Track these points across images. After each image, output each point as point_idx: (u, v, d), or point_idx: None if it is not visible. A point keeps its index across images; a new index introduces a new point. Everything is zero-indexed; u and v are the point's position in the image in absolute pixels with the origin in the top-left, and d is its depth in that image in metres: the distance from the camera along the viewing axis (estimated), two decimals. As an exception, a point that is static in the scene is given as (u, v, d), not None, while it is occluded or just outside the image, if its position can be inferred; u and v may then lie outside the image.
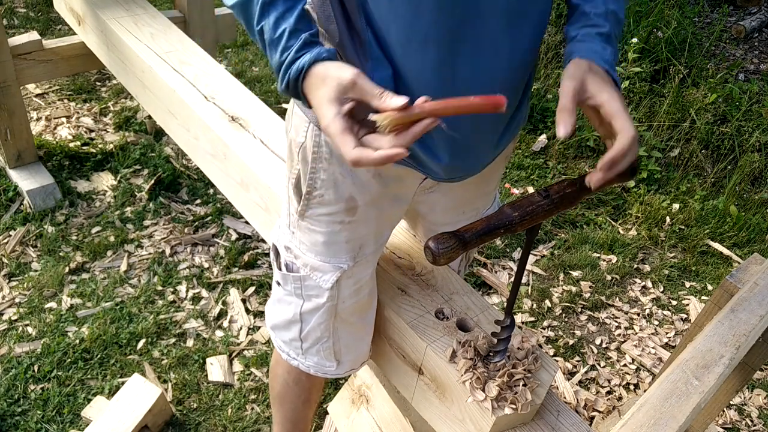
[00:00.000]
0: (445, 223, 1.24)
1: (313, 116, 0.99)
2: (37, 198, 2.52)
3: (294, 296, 1.18)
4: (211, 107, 1.69)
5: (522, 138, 3.32)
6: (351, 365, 1.27)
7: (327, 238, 1.08)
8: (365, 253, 1.12)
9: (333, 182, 1.03)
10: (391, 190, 1.06)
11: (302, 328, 1.20)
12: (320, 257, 1.11)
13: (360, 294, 1.15)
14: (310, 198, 1.06)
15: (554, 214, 0.85)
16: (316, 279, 1.12)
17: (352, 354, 1.25)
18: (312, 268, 1.12)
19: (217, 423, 1.90)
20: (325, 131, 0.77)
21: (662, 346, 2.38)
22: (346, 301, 1.14)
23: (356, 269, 1.12)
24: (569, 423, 1.08)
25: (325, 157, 1.01)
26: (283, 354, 1.28)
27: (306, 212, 1.08)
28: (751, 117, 3.56)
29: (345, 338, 1.21)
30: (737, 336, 1.30)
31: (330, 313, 1.16)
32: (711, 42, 4.26)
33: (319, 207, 1.06)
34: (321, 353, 1.23)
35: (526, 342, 1.07)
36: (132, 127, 3.03)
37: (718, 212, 2.98)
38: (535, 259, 2.66)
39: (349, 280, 1.12)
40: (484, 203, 1.28)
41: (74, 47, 2.50)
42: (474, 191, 1.21)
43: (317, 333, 1.19)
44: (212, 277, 2.36)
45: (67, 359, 2.01)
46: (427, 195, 1.16)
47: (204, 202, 2.69)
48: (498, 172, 1.23)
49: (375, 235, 1.12)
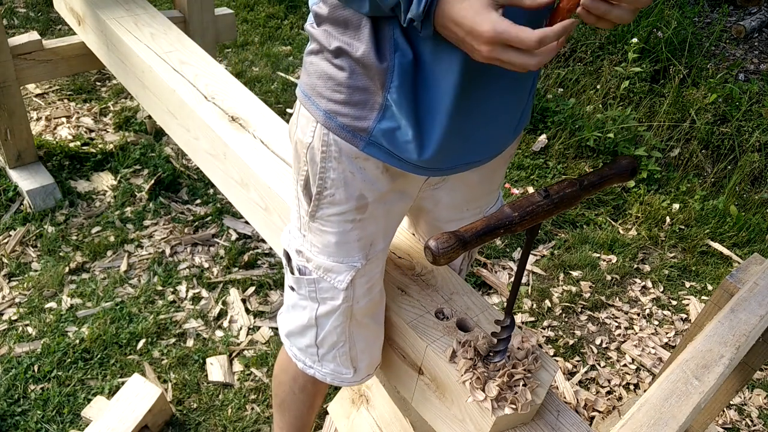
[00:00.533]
0: (449, 219, 1.25)
1: (321, 114, 0.99)
2: (37, 198, 2.52)
3: (309, 300, 1.17)
4: (211, 107, 1.69)
5: (522, 138, 3.32)
6: (367, 371, 1.26)
7: (339, 238, 1.08)
8: (376, 250, 1.12)
9: (343, 181, 1.02)
10: (398, 185, 1.07)
11: (318, 333, 1.19)
12: (333, 258, 1.10)
13: (372, 292, 1.15)
14: (320, 198, 1.05)
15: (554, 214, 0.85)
16: (331, 280, 1.11)
17: (367, 359, 1.24)
18: (325, 270, 1.11)
19: (217, 423, 1.90)
20: (491, 33, 0.73)
21: (662, 346, 2.38)
22: (360, 301, 1.14)
23: (369, 267, 1.12)
24: (569, 423, 1.08)
25: (335, 156, 1.00)
26: (299, 363, 1.27)
27: (317, 213, 1.08)
28: (751, 117, 3.56)
29: (360, 342, 1.20)
30: (737, 336, 1.30)
31: (346, 315, 1.15)
32: (711, 42, 4.26)
33: (329, 207, 1.06)
34: (338, 359, 1.22)
35: (526, 342, 1.07)
36: (132, 127, 3.03)
37: (718, 212, 2.98)
38: (535, 259, 2.66)
39: (363, 279, 1.12)
40: (487, 201, 1.28)
41: (74, 47, 2.50)
42: (478, 189, 1.21)
43: (333, 337, 1.18)
44: (212, 277, 2.36)
45: (67, 359, 2.01)
46: (432, 191, 1.16)
47: (204, 202, 2.69)
48: (500, 171, 1.24)
49: (384, 232, 1.12)
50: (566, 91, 3.71)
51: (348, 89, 0.94)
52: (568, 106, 3.46)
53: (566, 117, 3.38)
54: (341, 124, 0.97)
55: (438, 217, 1.25)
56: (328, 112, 0.98)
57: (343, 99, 0.95)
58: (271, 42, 3.94)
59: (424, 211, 1.26)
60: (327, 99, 0.97)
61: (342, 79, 0.94)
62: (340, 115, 0.97)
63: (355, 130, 0.97)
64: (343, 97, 0.95)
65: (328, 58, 0.95)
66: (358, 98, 0.94)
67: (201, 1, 2.52)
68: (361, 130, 0.96)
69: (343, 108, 0.96)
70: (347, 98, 0.95)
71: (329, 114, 0.98)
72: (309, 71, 1.00)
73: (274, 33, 4.04)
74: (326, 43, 0.94)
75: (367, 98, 0.94)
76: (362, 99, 0.94)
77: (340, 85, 0.95)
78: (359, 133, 0.97)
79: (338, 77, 0.94)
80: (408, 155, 0.97)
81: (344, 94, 0.95)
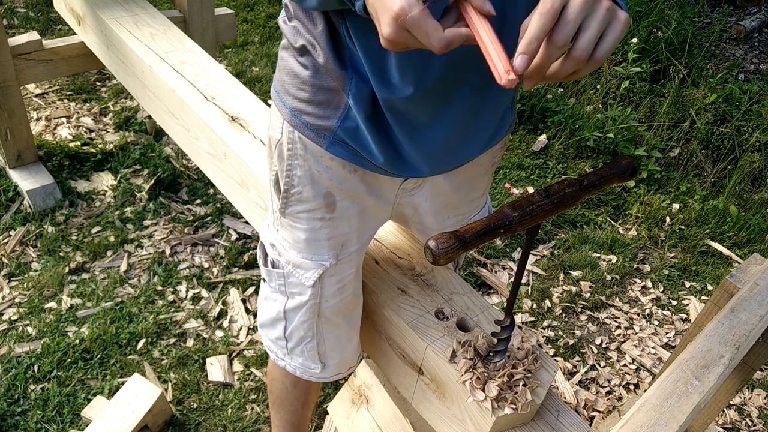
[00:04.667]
0: (433, 227, 1.22)
1: (288, 112, 0.98)
2: (37, 198, 2.52)
3: (278, 293, 1.18)
4: (211, 107, 1.69)
5: (522, 138, 3.32)
6: (337, 369, 1.27)
7: (308, 235, 1.08)
8: (348, 251, 1.12)
9: (309, 178, 1.02)
10: (370, 187, 1.06)
11: (286, 326, 1.20)
12: (302, 254, 1.11)
13: (344, 293, 1.15)
14: (288, 195, 1.06)
15: (554, 214, 0.85)
16: (299, 276, 1.12)
17: (337, 357, 1.24)
18: (294, 265, 1.12)
19: (217, 423, 1.90)
20: (399, 17, 0.63)
21: (662, 346, 2.38)
22: (330, 300, 1.14)
23: (339, 267, 1.12)
24: (569, 423, 1.08)
25: (300, 154, 1.00)
26: (271, 354, 1.29)
27: (286, 210, 1.08)
28: (751, 117, 3.56)
29: (330, 340, 1.21)
30: (737, 336, 1.30)
31: (313, 312, 1.16)
32: (711, 42, 4.26)
33: (297, 204, 1.06)
34: (305, 354, 1.23)
35: (526, 342, 1.07)
36: (132, 127, 3.03)
37: (718, 212, 2.98)
38: (535, 259, 2.66)
39: (332, 278, 1.12)
40: (470, 209, 1.26)
41: (74, 47, 2.50)
42: (455, 197, 1.19)
43: (300, 332, 1.19)
44: (212, 277, 2.36)
45: (67, 359, 2.01)
46: (409, 197, 1.14)
47: (204, 202, 2.69)
48: (484, 178, 1.20)
49: (358, 233, 1.12)
50: (566, 91, 3.71)
51: (312, 88, 0.93)
52: (568, 106, 3.46)
53: (566, 117, 3.38)
54: (305, 122, 0.97)
55: (423, 223, 1.23)
56: (293, 110, 0.97)
57: (307, 98, 0.94)
58: (271, 42, 3.94)
59: (406, 218, 1.24)
60: (293, 97, 0.97)
61: (306, 78, 0.93)
62: (304, 114, 0.96)
63: (319, 129, 0.96)
64: (307, 95, 0.94)
65: (294, 56, 0.94)
66: (321, 97, 0.93)
67: (201, 1, 2.52)
68: (324, 129, 0.96)
69: (307, 106, 0.95)
70: (311, 97, 0.94)
71: (294, 112, 0.97)
72: (279, 67, 0.99)
73: (274, 33, 4.04)
74: (293, 40, 0.93)
75: (331, 98, 0.93)
76: (326, 98, 0.93)
77: (305, 84, 0.94)
78: (323, 132, 0.96)
79: (303, 75, 0.93)
80: (370, 156, 0.96)
81: (308, 93, 0.94)
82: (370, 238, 1.17)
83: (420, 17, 0.63)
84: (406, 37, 0.65)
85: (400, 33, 0.65)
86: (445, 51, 0.65)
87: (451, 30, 0.65)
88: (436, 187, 1.14)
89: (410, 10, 0.63)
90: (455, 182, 1.15)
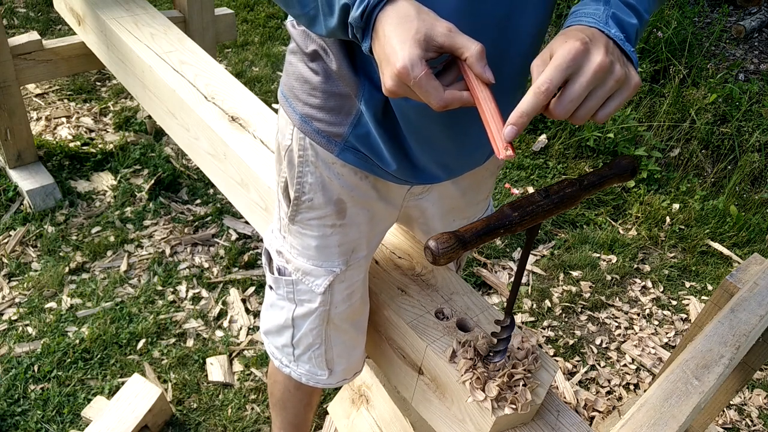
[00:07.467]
0: (439, 230, 1.22)
1: (298, 118, 0.96)
2: (37, 198, 2.52)
3: (286, 300, 1.16)
4: (211, 107, 1.69)
5: (522, 138, 3.32)
6: (343, 375, 1.26)
7: (319, 242, 1.07)
8: (358, 257, 1.11)
9: (321, 185, 1.00)
10: (380, 193, 1.05)
11: (294, 333, 1.19)
12: (312, 261, 1.09)
13: (352, 299, 1.14)
14: (299, 203, 1.04)
15: (554, 214, 0.85)
16: (309, 283, 1.11)
17: (344, 363, 1.24)
18: (304, 272, 1.10)
19: (217, 423, 1.90)
20: (401, 74, 0.65)
21: (662, 346, 2.38)
22: (339, 306, 1.13)
23: (349, 273, 1.11)
24: (569, 423, 1.08)
25: (311, 161, 0.98)
26: (275, 361, 1.27)
27: (296, 217, 1.06)
28: (751, 117, 3.56)
29: (338, 346, 1.20)
30: (737, 336, 1.30)
31: (322, 319, 1.14)
32: (711, 42, 4.26)
33: (308, 211, 1.04)
34: (313, 360, 1.21)
35: (526, 342, 1.07)
36: (132, 127, 3.03)
37: (718, 212, 2.98)
38: (535, 259, 2.66)
39: (342, 285, 1.11)
40: (475, 212, 1.26)
41: (74, 47, 2.50)
42: (462, 200, 1.19)
43: (309, 339, 1.18)
44: (212, 277, 2.36)
45: (67, 359, 2.01)
46: (416, 201, 1.14)
47: (204, 202, 2.69)
48: (488, 181, 1.21)
49: (367, 239, 1.11)
50: (566, 91, 3.70)
51: (323, 94, 0.92)
52: (568, 106, 3.45)
53: (566, 117, 3.38)
54: (316, 128, 0.95)
55: (429, 225, 1.23)
56: (303, 116, 0.96)
57: (318, 104, 0.93)
58: (271, 42, 3.94)
59: (412, 220, 1.24)
60: (303, 102, 0.95)
61: (317, 83, 0.91)
62: (315, 120, 0.94)
63: (330, 136, 0.94)
64: (318, 101, 0.92)
65: (305, 61, 0.92)
66: (333, 104, 0.92)
67: (201, 1, 2.52)
68: (336, 135, 0.94)
69: (318, 113, 0.93)
70: (322, 103, 0.92)
71: (305, 118, 0.96)
72: (288, 71, 0.97)
73: (274, 33, 4.04)
74: (303, 45, 0.91)
75: (343, 104, 0.91)
76: (337, 105, 0.92)
77: (315, 90, 0.92)
78: (334, 139, 0.94)
79: (313, 81, 0.92)
80: (382, 163, 0.96)
81: (319, 99, 0.92)
82: (378, 242, 1.16)
83: (422, 79, 0.65)
84: (406, 91, 0.68)
85: (401, 87, 0.67)
86: (443, 110, 0.67)
87: (451, 92, 0.67)
88: (443, 191, 1.14)
89: (413, 71, 0.65)
90: (462, 186, 1.15)
